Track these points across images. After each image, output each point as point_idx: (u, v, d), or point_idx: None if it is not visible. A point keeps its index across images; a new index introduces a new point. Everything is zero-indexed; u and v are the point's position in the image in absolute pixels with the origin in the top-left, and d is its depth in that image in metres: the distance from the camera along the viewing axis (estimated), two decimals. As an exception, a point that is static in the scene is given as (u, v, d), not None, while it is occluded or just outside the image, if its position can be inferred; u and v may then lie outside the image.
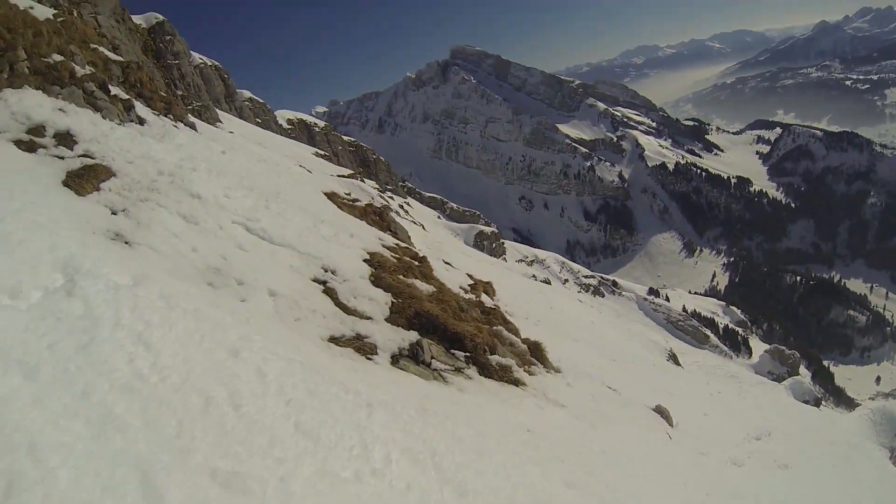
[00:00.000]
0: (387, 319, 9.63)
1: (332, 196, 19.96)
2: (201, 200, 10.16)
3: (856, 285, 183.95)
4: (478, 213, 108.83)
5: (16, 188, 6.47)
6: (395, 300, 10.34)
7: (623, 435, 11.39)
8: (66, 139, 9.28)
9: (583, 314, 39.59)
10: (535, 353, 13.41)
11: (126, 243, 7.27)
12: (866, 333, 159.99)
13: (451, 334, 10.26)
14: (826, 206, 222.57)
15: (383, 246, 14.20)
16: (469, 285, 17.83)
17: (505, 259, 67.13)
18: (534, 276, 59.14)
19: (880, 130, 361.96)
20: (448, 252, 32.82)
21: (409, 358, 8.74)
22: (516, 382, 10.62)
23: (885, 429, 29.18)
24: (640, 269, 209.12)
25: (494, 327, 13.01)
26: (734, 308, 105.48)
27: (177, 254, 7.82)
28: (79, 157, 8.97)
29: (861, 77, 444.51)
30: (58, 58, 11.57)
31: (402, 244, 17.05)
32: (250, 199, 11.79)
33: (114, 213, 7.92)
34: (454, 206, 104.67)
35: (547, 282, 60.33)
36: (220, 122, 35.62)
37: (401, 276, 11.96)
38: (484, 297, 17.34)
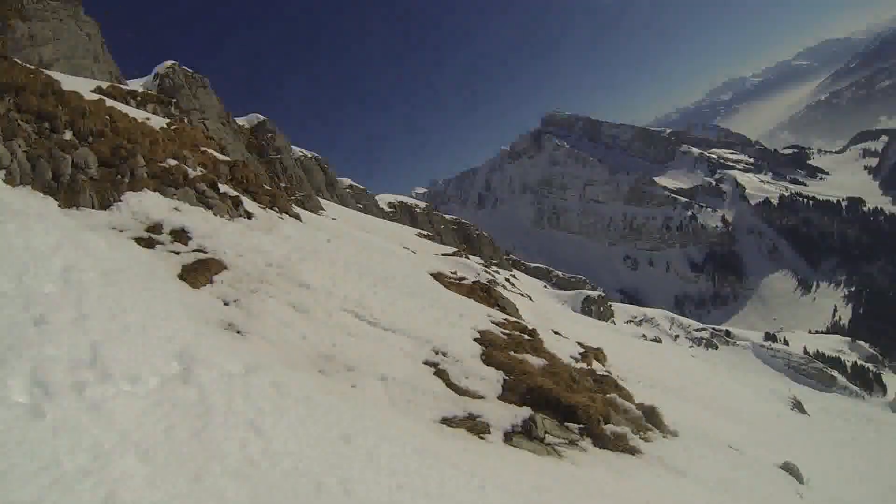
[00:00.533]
0: (499, 397, 9.60)
1: (438, 276, 20.35)
2: (310, 289, 10.52)
3: None
4: (584, 278, 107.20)
5: (136, 282, 6.93)
6: (507, 377, 10.32)
7: (748, 500, 10.48)
8: (180, 236, 10.09)
9: (696, 370, 37.70)
10: (651, 419, 12.92)
11: (238, 333, 7.56)
12: None
13: (565, 407, 10.09)
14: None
15: (493, 322, 14.28)
16: (580, 353, 17.60)
17: (614, 322, 66.87)
18: (643, 335, 58.30)
19: None
20: (556, 321, 32.30)
21: (523, 434, 8.60)
22: (632, 451, 10.24)
23: None
24: (754, 315, 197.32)
25: (607, 395, 12.72)
26: (862, 343, 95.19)
27: (287, 342, 8.05)
28: (193, 251, 9.71)
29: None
30: (172, 162, 12.70)
31: (511, 318, 17.06)
32: (358, 286, 12.11)
33: (226, 303, 8.36)
34: (560, 273, 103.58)
35: (657, 340, 59.55)
36: (323, 210, 37.35)
37: (512, 353, 11.95)
38: (595, 365, 17.07)
